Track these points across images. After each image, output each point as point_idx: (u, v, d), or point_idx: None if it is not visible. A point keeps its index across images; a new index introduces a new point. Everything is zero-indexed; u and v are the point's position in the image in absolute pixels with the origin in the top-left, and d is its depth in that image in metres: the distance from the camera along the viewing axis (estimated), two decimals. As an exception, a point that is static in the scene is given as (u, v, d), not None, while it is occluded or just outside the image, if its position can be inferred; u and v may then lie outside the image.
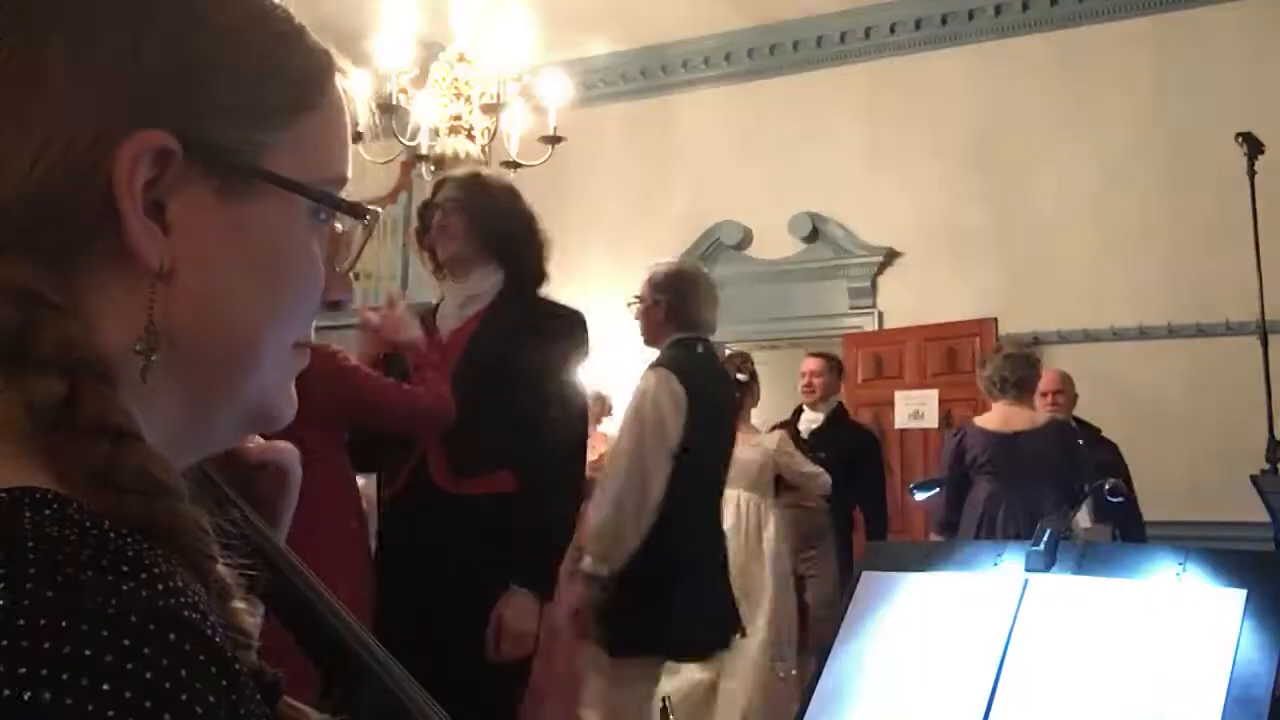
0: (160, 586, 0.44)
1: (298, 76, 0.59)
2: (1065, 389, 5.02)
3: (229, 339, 0.57)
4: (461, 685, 1.68)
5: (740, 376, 4.62)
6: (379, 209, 0.65)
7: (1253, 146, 4.29)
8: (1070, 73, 6.49)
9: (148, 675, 0.41)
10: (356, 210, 0.62)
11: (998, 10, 6.72)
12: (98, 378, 0.50)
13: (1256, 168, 4.30)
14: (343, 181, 0.62)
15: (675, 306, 3.31)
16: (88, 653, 0.40)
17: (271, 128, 0.57)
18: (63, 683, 0.39)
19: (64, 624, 0.41)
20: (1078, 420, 4.94)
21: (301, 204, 0.59)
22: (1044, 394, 4.84)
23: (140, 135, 0.53)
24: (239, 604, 0.52)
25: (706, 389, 3.23)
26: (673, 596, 2.99)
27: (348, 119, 0.63)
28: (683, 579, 3.02)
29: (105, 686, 0.40)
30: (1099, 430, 5.03)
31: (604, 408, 5.52)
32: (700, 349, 3.31)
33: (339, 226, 0.63)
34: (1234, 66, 6.06)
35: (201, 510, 0.51)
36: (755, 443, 4.65)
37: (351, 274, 0.66)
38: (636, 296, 3.43)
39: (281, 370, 0.61)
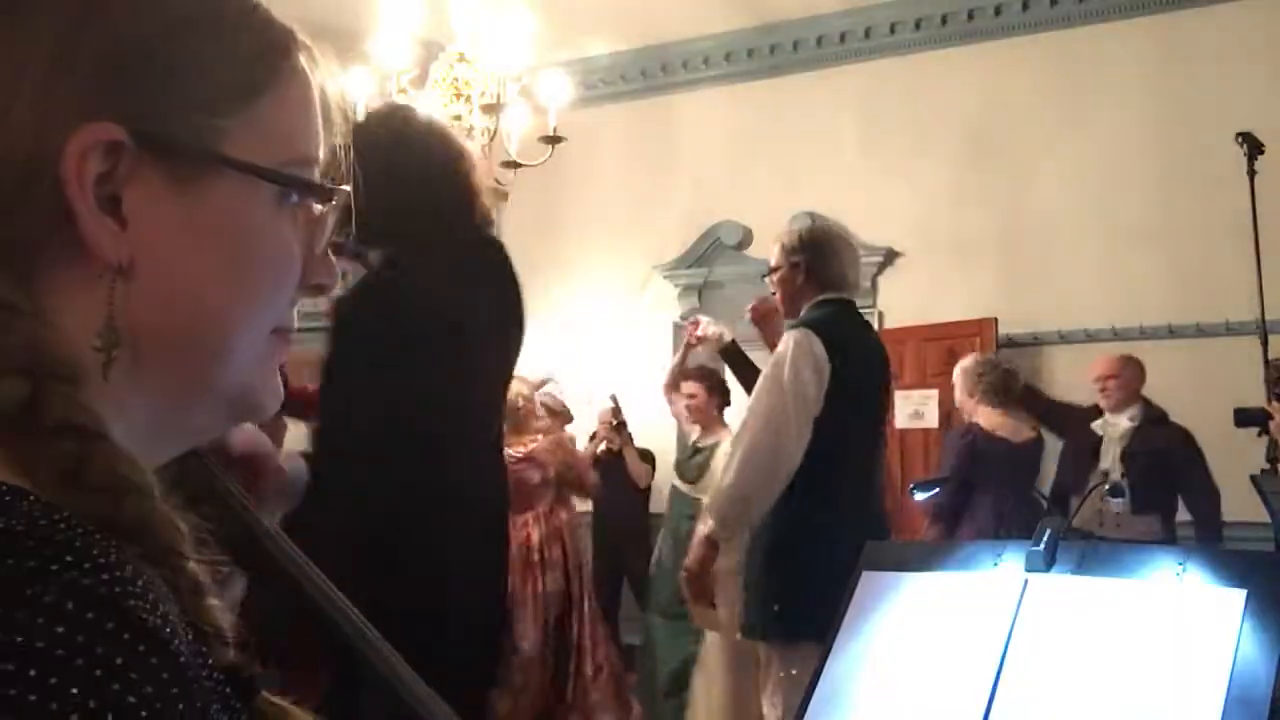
0: (105, 576, 0.43)
1: (250, 56, 0.57)
2: (1118, 373, 4.80)
3: (196, 330, 0.56)
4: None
5: None
6: (346, 188, 0.62)
7: (1253, 146, 4.28)
8: (1070, 73, 6.49)
9: (79, 662, 0.41)
10: (321, 191, 0.60)
11: (998, 10, 6.71)
12: (60, 378, 0.49)
13: (1256, 168, 4.30)
14: (310, 161, 0.60)
15: (814, 267, 3.05)
16: (19, 639, 0.40)
17: (226, 112, 0.56)
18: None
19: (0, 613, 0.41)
20: (1146, 403, 4.82)
21: (266, 188, 0.57)
22: (1096, 380, 4.80)
23: (87, 129, 0.51)
24: (213, 601, 0.52)
25: (854, 351, 2.97)
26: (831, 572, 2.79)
27: (314, 97, 0.60)
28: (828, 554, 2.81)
29: (32, 672, 0.40)
30: (1165, 414, 4.90)
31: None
32: (846, 309, 3.06)
33: (318, 208, 0.61)
34: (1234, 66, 6.06)
35: (172, 507, 0.51)
36: None
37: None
38: (771, 267, 3.16)
39: (260, 359, 0.59)
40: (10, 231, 0.51)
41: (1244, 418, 3.96)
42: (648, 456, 6.64)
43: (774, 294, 3.17)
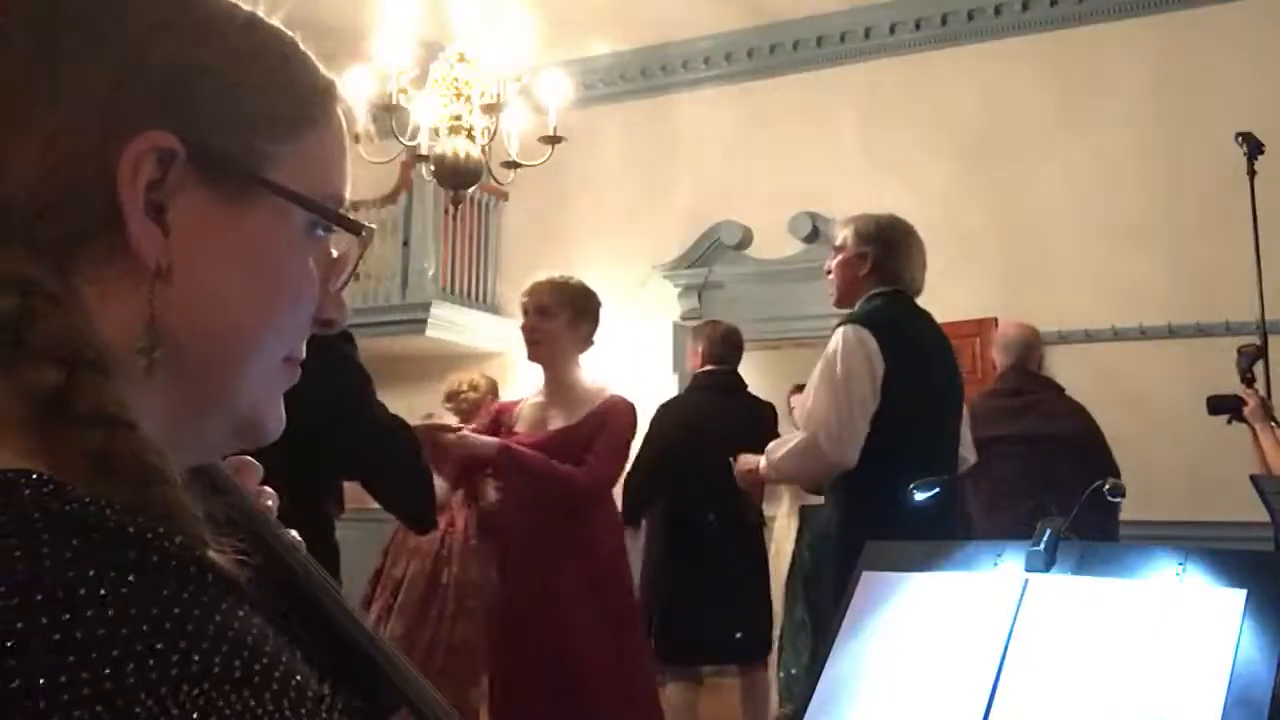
0: (167, 543, 0.47)
1: (302, 93, 0.61)
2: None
3: (222, 342, 0.58)
4: None
5: None
6: (374, 226, 0.66)
7: (1253, 146, 4.28)
8: (1070, 73, 6.49)
9: (184, 597, 0.44)
10: (353, 225, 0.63)
11: (998, 10, 6.72)
12: (94, 368, 0.51)
13: (1256, 167, 4.30)
14: (340, 201, 0.63)
15: (881, 261, 2.98)
16: (124, 590, 0.43)
17: (274, 139, 0.59)
18: (106, 621, 0.42)
19: (91, 574, 0.43)
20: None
21: (299, 217, 0.60)
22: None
23: (146, 135, 0.54)
24: None
25: (910, 342, 2.88)
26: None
27: (347, 144, 0.65)
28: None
29: (155, 611, 0.43)
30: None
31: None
32: (901, 300, 2.98)
33: (334, 252, 0.64)
34: (1234, 66, 6.06)
35: (195, 498, 0.52)
36: None
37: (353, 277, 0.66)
38: (835, 247, 3.08)
39: (271, 382, 0.62)
40: (60, 226, 0.53)
41: (1217, 404, 3.95)
42: None
43: (829, 274, 3.10)
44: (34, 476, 0.47)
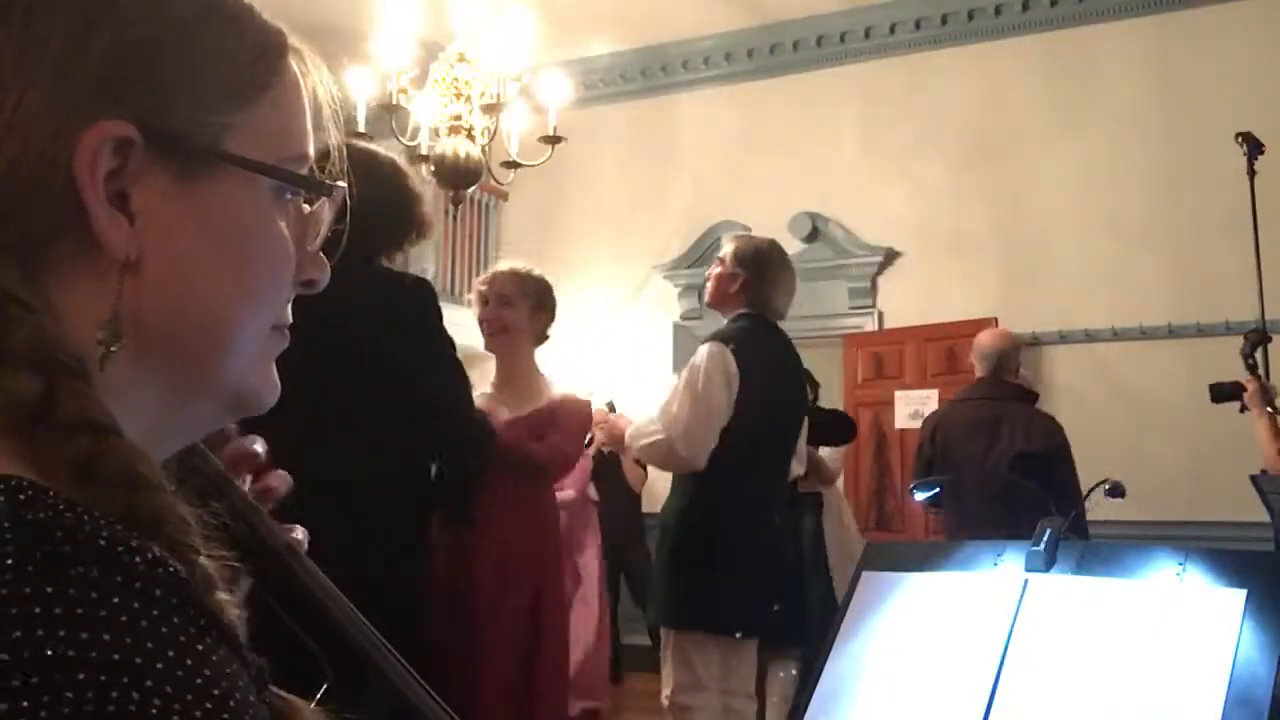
0: (138, 558, 0.45)
1: (251, 57, 0.59)
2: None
3: (201, 324, 0.57)
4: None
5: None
6: (343, 184, 0.64)
7: (1253, 146, 4.28)
8: (1070, 72, 6.50)
9: (143, 624, 0.42)
10: (319, 186, 0.61)
11: (998, 10, 6.72)
12: (73, 374, 0.50)
13: (1256, 168, 4.29)
14: (304, 159, 0.61)
15: (751, 284, 3.23)
16: (79, 611, 0.41)
17: (228, 109, 0.57)
18: (59, 640, 0.41)
19: (48, 590, 0.42)
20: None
21: (264, 184, 0.58)
22: None
23: (100, 125, 0.52)
24: (223, 595, 0.52)
25: (767, 366, 3.14)
26: (715, 577, 3.02)
27: (305, 96, 0.62)
28: (723, 559, 3.03)
29: (106, 636, 0.41)
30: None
31: None
32: (765, 324, 3.25)
33: (306, 207, 0.62)
34: (1234, 66, 6.07)
35: (183, 502, 0.51)
36: None
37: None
38: (718, 257, 3.33)
39: (259, 353, 0.61)
40: (24, 228, 0.52)
41: (1219, 392, 3.96)
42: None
43: (707, 279, 3.34)
44: (13, 483, 0.46)
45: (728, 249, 3.31)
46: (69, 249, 0.53)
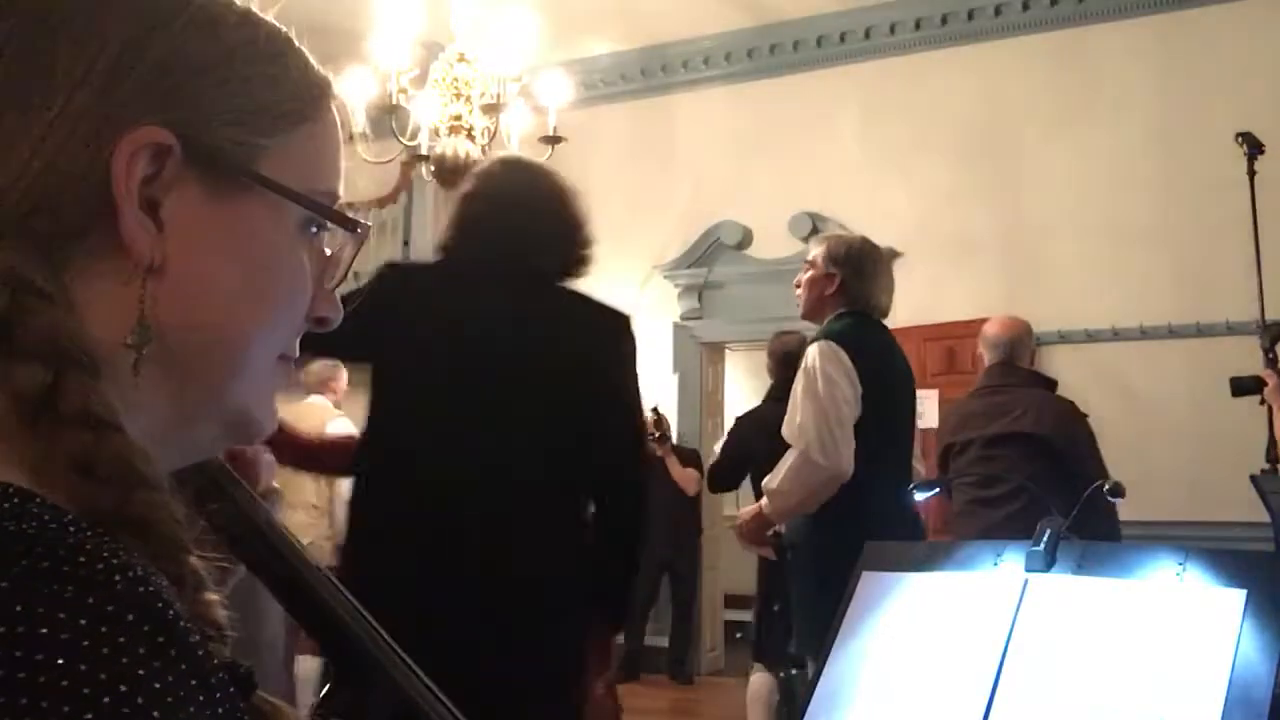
0: (117, 576, 0.44)
1: (297, 88, 0.60)
2: None
3: (215, 338, 0.57)
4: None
5: None
6: (369, 224, 0.65)
7: (1253, 146, 4.28)
8: (1070, 73, 6.50)
9: (104, 651, 0.41)
10: (348, 221, 0.62)
11: (998, 10, 6.72)
12: (82, 368, 0.50)
13: (1256, 168, 4.29)
14: (334, 198, 0.62)
15: (848, 283, 3.03)
16: (43, 632, 0.40)
17: (267, 133, 0.58)
18: (15, 661, 0.40)
19: (18, 609, 0.41)
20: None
21: (293, 213, 0.59)
22: None
23: (141, 130, 0.53)
24: (211, 596, 0.52)
25: (878, 358, 2.97)
26: None
27: (341, 142, 0.64)
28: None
29: (59, 662, 0.40)
30: None
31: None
32: (868, 321, 3.05)
33: (328, 250, 0.63)
34: (1234, 66, 6.06)
35: (179, 502, 0.51)
36: None
37: (350, 275, 0.66)
38: (806, 262, 3.14)
39: (265, 381, 0.61)
40: (54, 221, 0.53)
41: (1240, 386, 3.91)
42: (692, 458, 6.68)
43: (798, 288, 3.15)
44: None
45: (817, 250, 3.12)
46: (95, 248, 0.53)
